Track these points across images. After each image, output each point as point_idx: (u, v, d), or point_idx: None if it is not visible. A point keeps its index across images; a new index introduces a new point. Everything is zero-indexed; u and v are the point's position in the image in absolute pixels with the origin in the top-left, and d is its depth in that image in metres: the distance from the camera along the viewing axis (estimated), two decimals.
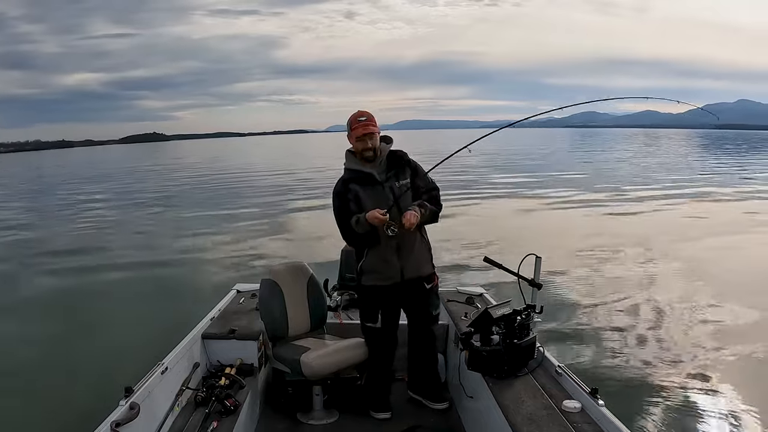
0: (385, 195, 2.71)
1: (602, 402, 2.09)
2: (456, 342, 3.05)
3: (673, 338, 5.24)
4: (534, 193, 16.68)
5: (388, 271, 2.74)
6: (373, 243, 2.71)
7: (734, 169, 26.01)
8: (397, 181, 2.75)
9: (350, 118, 2.73)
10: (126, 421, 1.98)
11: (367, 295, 2.85)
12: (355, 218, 2.66)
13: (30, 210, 16.55)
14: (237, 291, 3.76)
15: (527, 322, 2.53)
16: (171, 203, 16.75)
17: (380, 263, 2.74)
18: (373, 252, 2.75)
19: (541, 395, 2.27)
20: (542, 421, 2.05)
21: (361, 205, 2.69)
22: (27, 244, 10.87)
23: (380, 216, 2.54)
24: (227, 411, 2.43)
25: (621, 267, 7.98)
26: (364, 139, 2.67)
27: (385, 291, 2.78)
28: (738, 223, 11.73)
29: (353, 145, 2.74)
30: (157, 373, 2.38)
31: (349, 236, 2.78)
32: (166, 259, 9.06)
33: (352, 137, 2.71)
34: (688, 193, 16.19)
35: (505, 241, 9.37)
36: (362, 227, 2.64)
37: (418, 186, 2.77)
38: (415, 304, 2.89)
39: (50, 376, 4.30)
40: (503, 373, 2.43)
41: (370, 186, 2.73)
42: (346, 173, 2.79)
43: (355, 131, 2.68)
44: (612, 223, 11.97)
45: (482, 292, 3.66)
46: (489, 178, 21.67)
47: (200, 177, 28.01)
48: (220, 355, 2.98)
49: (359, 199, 2.71)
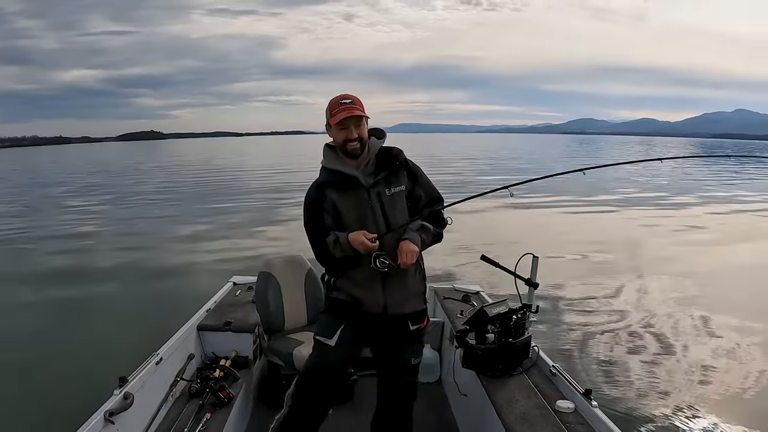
0: (370, 205, 2.05)
1: (596, 403, 2.10)
2: (451, 339, 3.05)
3: (668, 340, 5.26)
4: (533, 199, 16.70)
5: (367, 300, 2.08)
6: (353, 265, 2.05)
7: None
8: (388, 188, 2.08)
9: (330, 102, 2.06)
10: (120, 411, 1.98)
11: (333, 306, 2.15)
12: (332, 237, 2.01)
13: (25, 202, 16.52)
14: (234, 283, 3.75)
15: (523, 321, 2.53)
16: (169, 198, 16.74)
17: (358, 290, 2.08)
18: (351, 274, 2.09)
19: (534, 395, 2.28)
20: (535, 421, 2.06)
21: (339, 219, 2.05)
22: (21, 235, 10.85)
23: (368, 243, 1.95)
24: (221, 403, 2.44)
25: (617, 270, 8.00)
26: (347, 125, 2.01)
27: (358, 314, 2.11)
28: (738, 228, 11.81)
29: (333, 138, 2.09)
30: (151, 363, 2.38)
31: (324, 259, 2.11)
32: (163, 250, 9.05)
33: (333, 126, 2.04)
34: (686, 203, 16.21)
35: (502, 242, 9.38)
36: (341, 250, 2.00)
37: (419, 196, 2.14)
38: (390, 347, 2.19)
39: (44, 365, 4.31)
40: (498, 371, 2.44)
41: (352, 192, 2.06)
42: (323, 174, 2.12)
43: (337, 116, 2.00)
44: (609, 226, 12.02)
45: (478, 290, 3.66)
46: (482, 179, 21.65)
47: (199, 174, 27.99)
48: (215, 347, 2.98)
49: (337, 209, 2.05)
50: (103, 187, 21.73)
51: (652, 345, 5.13)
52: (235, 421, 2.56)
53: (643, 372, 4.52)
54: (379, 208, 2.05)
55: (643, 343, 5.17)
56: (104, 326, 5.27)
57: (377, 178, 2.07)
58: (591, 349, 4.97)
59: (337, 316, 2.14)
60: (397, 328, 2.14)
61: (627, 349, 5.01)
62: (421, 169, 2.21)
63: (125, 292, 6.61)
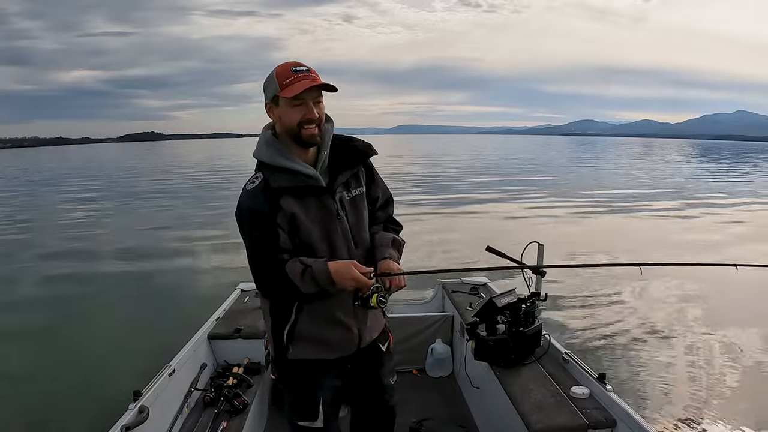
0: (338, 217, 1.58)
1: (610, 387, 2.10)
2: (462, 332, 3.05)
3: (680, 321, 5.25)
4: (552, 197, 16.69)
5: (340, 338, 1.64)
6: (318, 297, 1.53)
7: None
8: (347, 190, 1.62)
9: (277, 69, 1.50)
10: (136, 425, 1.98)
11: (300, 377, 1.66)
12: (298, 266, 1.47)
13: (28, 210, 16.51)
14: (241, 290, 3.75)
15: (532, 309, 2.52)
16: (172, 202, 16.72)
17: (327, 326, 1.61)
18: (316, 309, 1.58)
19: (548, 383, 2.27)
20: (551, 408, 2.06)
21: (299, 237, 1.52)
22: (27, 245, 10.86)
23: (363, 279, 1.47)
24: (236, 410, 2.44)
25: (625, 254, 7.98)
26: (303, 100, 1.46)
27: (329, 368, 1.67)
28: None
29: (280, 118, 1.51)
30: (164, 375, 2.38)
31: (279, 292, 1.53)
32: (169, 259, 9.05)
33: (283, 101, 1.48)
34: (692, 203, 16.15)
35: (507, 234, 9.39)
36: (314, 285, 1.47)
37: (376, 198, 1.73)
38: (365, 378, 1.80)
39: (57, 382, 4.31)
40: (510, 361, 2.43)
41: (312, 200, 1.54)
42: (271, 175, 1.51)
43: (293, 86, 1.44)
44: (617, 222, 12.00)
45: (486, 282, 3.66)
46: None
47: (202, 176, 28.00)
48: (227, 355, 2.98)
49: (296, 225, 1.50)
50: (104, 190, 21.72)
51: (665, 326, 5.13)
52: (252, 428, 2.56)
53: (658, 354, 4.51)
54: (345, 220, 1.59)
55: (656, 325, 5.17)
56: (114, 340, 5.26)
57: (338, 178, 1.59)
58: (603, 333, 4.97)
59: (309, 386, 1.66)
60: (370, 357, 1.76)
61: (639, 332, 5.01)
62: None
63: (133, 304, 6.60)
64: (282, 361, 1.67)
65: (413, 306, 3.80)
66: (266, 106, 1.55)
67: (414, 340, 3.37)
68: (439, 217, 12.15)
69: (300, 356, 1.63)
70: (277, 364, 1.72)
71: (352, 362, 1.71)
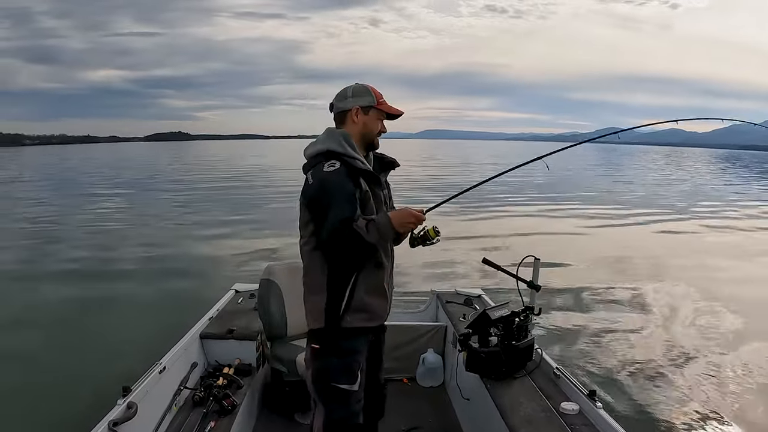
0: (384, 203, 1.95)
1: (600, 404, 2.10)
2: (454, 343, 3.05)
3: (673, 340, 5.25)
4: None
5: (382, 305, 1.92)
6: (371, 264, 1.85)
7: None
8: (388, 189, 2.02)
9: (369, 87, 1.91)
10: (124, 421, 1.98)
11: (348, 343, 1.87)
12: (362, 222, 1.74)
13: (29, 210, 16.48)
14: (236, 291, 3.75)
15: (525, 323, 2.53)
16: (173, 203, 16.71)
17: (375, 296, 1.87)
18: (369, 278, 1.85)
19: (539, 397, 2.27)
20: (540, 423, 2.05)
21: (366, 213, 1.82)
22: (25, 243, 10.84)
23: (419, 214, 1.80)
24: (225, 411, 2.43)
25: (621, 271, 7.99)
26: (383, 119, 1.93)
27: (367, 336, 1.93)
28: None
29: (364, 124, 1.89)
30: (155, 372, 2.37)
31: (349, 243, 1.74)
32: (165, 258, 9.03)
33: (374, 113, 1.89)
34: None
35: (505, 245, 9.40)
36: (378, 234, 1.74)
37: (390, 199, 2.07)
38: (374, 350, 2.01)
39: (47, 375, 4.29)
40: (501, 374, 2.43)
41: (376, 189, 1.90)
42: (348, 162, 1.82)
43: (389, 106, 1.91)
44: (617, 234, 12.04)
45: (481, 294, 3.66)
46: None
47: (220, 176, 28.05)
48: (219, 355, 2.97)
49: (365, 204, 1.82)
50: (137, 185, 21.65)
51: (657, 345, 5.12)
52: (240, 429, 2.56)
53: (649, 372, 4.50)
54: (387, 209, 1.95)
55: (649, 344, 5.16)
56: (107, 335, 5.25)
57: (381, 176, 1.96)
58: (595, 350, 4.96)
59: (355, 352, 1.88)
60: (380, 334, 2.03)
61: (632, 350, 5.00)
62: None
63: (127, 301, 6.58)
64: (334, 330, 1.85)
65: (407, 314, 3.79)
66: (353, 110, 1.88)
67: (406, 349, 3.37)
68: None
69: (353, 324, 1.84)
70: (324, 334, 1.87)
71: (375, 333, 1.97)
